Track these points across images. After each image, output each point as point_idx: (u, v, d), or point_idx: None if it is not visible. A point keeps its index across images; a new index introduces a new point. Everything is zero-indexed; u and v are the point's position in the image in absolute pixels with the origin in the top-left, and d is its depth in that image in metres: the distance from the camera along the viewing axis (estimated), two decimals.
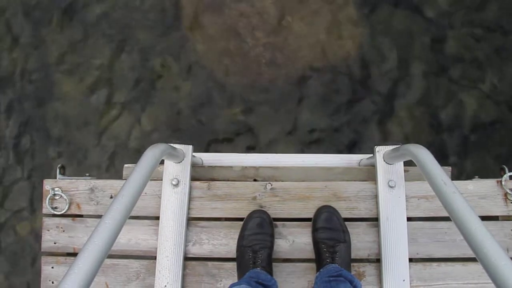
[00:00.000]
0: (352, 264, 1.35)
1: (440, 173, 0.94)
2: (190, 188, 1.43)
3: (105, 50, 2.45)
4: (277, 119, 2.33)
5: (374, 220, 1.41)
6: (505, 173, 1.42)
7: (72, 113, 2.41)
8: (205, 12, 2.44)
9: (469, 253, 1.34)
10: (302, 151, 2.28)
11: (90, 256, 0.70)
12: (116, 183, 1.47)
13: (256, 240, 1.33)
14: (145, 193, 1.43)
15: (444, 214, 1.36)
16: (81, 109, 2.41)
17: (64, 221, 1.45)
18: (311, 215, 1.41)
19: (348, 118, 2.32)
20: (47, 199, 1.43)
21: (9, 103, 2.45)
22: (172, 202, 1.40)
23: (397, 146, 1.32)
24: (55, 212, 1.45)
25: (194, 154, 1.47)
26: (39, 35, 2.49)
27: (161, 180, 1.43)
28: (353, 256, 1.36)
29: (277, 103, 2.35)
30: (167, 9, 2.47)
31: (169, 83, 2.40)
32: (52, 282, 1.42)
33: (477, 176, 1.50)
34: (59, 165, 1.49)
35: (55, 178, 1.48)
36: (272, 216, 1.41)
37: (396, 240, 1.36)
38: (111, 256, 1.42)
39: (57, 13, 2.49)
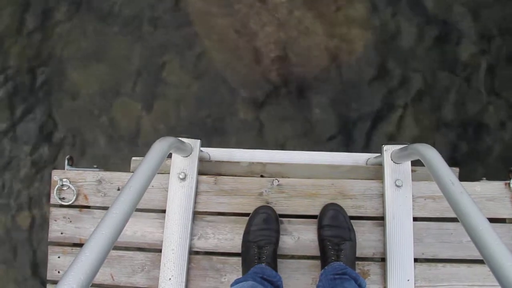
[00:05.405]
0: (356, 262, 1.35)
1: (448, 172, 0.93)
2: (197, 182, 1.44)
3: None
4: (288, 117, 2.33)
5: (380, 219, 1.40)
6: None
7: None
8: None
9: (475, 255, 1.35)
10: (311, 149, 2.27)
11: (97, 246, 0.71)
12: (123, 175, 1.48)
13: (262, 236, 1.33)
14: (152, 186, 1.44)
15: (451, 215, 1.36)
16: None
17: (71, 211, 1.47)
18: (317, 213, 1.41)
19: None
20: (55, 189, 1.45)
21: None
22: (178, 195, 1.41)
23: (405, 145, 1.31)
24: (63, 203, 1.46)
25: (201, 148, 1.47)
26: None
27: (168, 173, 1.44)
28: (358, 254, 1.36)
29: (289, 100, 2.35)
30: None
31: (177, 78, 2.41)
32: (58, 272, 1.44)
33: (484, 178, 1.48)
34: (67, 156, 1.50)
35: (64, 169, 1.49)
36: (278, 212, 1.41)
37: (402, 240, 1.35)
38: (117, 248, 1.43)
39: None
